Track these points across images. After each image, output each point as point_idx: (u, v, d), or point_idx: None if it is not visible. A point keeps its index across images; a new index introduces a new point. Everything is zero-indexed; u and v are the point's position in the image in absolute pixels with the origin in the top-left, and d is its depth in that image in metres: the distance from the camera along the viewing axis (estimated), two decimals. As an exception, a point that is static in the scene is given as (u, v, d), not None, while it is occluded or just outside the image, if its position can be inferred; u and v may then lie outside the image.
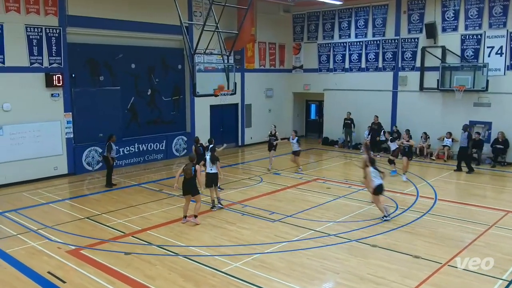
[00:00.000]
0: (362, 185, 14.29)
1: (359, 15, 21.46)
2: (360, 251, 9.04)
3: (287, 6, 22.56)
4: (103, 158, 14.93)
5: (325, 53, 22.90)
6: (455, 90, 18.15)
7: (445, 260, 8.50)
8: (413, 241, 9.56)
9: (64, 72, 15.33)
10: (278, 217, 11.19)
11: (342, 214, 11.44)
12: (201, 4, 19.35)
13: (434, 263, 8.38)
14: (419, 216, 11.23)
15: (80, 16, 15.54)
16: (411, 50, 20.00)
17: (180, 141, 19.52)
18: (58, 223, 10.82)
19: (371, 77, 21.29)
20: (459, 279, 7.75)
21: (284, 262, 8.51)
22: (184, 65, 19.22)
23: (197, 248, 9.25)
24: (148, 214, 11.58)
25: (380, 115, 20.35)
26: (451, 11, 18.67)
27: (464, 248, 9.16)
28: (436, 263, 8.38)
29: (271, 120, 23.39)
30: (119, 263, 8.50)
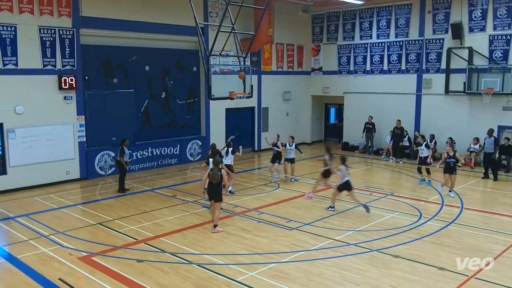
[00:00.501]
0: (383, 192, 14.22)
1: (381, 15, 21.34)
2: (382, 262, 8.94)
3: (306, 6, 22.58)
4: (116, 162, 15.09)
5: (346, 54, 22.81)
6: (482, 93, 17.91)
7: (472, 273, 8.35)
8: (438, 252, 9.42)
9: (77, 75, 15.56)
10: (295, 225, 11.14)
11: (363, 222, 11.34)
12: (217, 4, 19.48)
13: (460, 275, 8.24)
14: (444, 226, 11.07)
15: (93, 17, 15.77)
16: (436, 52, 19.80)
17: (195, 146, 19.61)
18: (69, 229, 10.95)
19: (394, 79, 21.12)
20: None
21: (301, 272, 8.46)
22: (199, 67, 19.35)
23: (212, 256, 9.26)
24: (161, 220, 11.64)
25: (403, 119, 20.15)
26: (479, 11, 18.44)
27: (492, 259, 8.97)
28: (463, 275, 8.23)
29: (289, 124, 23.47)
30: (132, 270, 8.55)
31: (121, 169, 14.43)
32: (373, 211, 12.31)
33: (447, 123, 19.37)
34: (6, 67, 14.04)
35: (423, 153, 15.39)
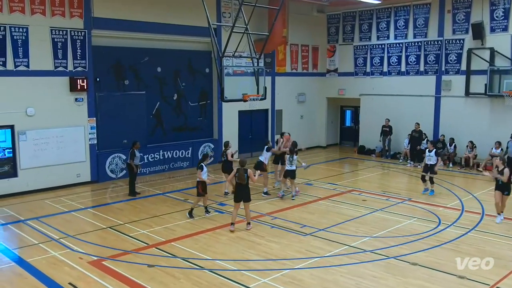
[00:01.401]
0: (401, 197, 14.14)
1: (398, 15, 21.24)
2: (399, 270, 8.88)
3: (321, 6, 22.56)
4: (126, 165, 15.21)
5: (362, 55, 22.74)
6: (505, 95, 17.75)
7: (494, 282, 8.26)
8: (458, 260, 9.30)
9: (88, 76, 15.73)
10: (309, 230, 11.11)
11: (379, 228, 11.27)
12: (230, 4, 19.56)
13: (482, 284, 8.15)
14: (464, 233, 10.95)
15: (105, 18, 15.95)
16: (456, 52, 19.64)
17: (207, 148, 19.65)
18: (80, 233, 11.07)
19: (412, 81, 21.00)
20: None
21: (316, 279, 8.43)
22: (212, 69, 19.44)
23: (224, 262, 9.28)
24: (173, 224, 11.70)
25: (422, 122, 20.00)
26: (501, 10, 18.27)
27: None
28: (484, 284, 8.15)
29: (303, 127, 23.47)
30: (142, 275, 8.61)
31: (132, 172, 14.55)
32: (390, 217, 12.24)
33: (467, 126, 19.20)
34: (18, 68, 14.26)
35: (430, 160, 14.39)
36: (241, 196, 11.03)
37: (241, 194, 11.04)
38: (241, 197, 11.02)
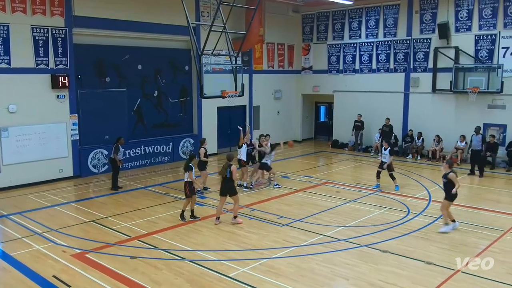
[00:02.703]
0: (372, 188, 14.30)
1: (369, 15, 21.42)
2: (371, 257, 8.99)
3: (296, 6, 22.57)
4: (109, 160, 15.00)
5: (335, 54, 22.87)
6: (468, 92, 18.05)
7: (459, 267, 8.42)
8: (426, 247, 9.49)
9: (70, 74, 15.45)
10: (286, 221, 11.16)
11: (352, 218, 11.39)
12: (209, 4, 19.41)
13: (447, 270, 8.31)
14: (431, 221, 11.16)
15: (86, 17, 15.65)
16: (423, 51, 19.91)
17: (187, 144, 19.56)
18: (63, 226, 10.89)
19: (382, 78, 21.22)
20: (473, 286, 7.68)
21: (292, 268, 8.48)
22: (191, 66, 19.29)
23: (204, 252, 9.26)
24: (154, 217, 11.61)
25: (392, 117, 20.28)
26: (465, 11, 18.56)
27: (478, 254, 9.08)
28: (449, 270, 8.31)
29: (280, 123, 23.50)
30: (125, 267, 8.52)
31: (115, 167, 14.36)
32: (362, 207, 12.38)
33: (434, 121, 19.51)
34: (-1, 66, 13.93)
35: (385, 158, 14.20)
36: (226, 190, 10.90)
37: (226, 188, 10.90)
38: (226, 191, 10.90)
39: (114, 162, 14.30)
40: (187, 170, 11.12)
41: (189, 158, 11.66)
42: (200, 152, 13.74)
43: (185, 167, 11.28)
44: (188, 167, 11.13)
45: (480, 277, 8.00)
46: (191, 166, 11.14)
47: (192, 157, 11.60)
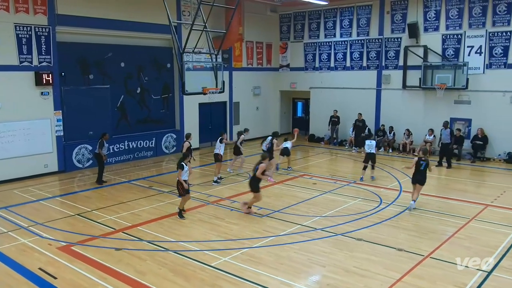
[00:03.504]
0: (347, 180, 14.44)
1: (344, 15, 21.54)
2: (346, 245, 9.09)
3: (274, 6, 22.57)
4: (94, 155, 14.78)
5: (311, 52, 22.95)
6: (436, 88, 18.34)
7: (427, 253, 8.60)
8: (397, 235, 9.64)
9: (53, 71, 15.14)
10: (266, 212, 11.19)
11: (328, 209, 11.48)
12: (190, 3, 19.24)
13: (417, 255, 8.47)
14: (402, 210, 11.33)
15: (69, 15, 15.35)
16: (394, 49, 20.14)
17: (170, 139, 19.43)
18: (48, 220, 10.70)
19: (356, 75, 21.40)
20: (441, 270, 7.85)
21: (272, 256, 8.52)
22: (173, 64, 19.12)
23: (187, 243, 9.22)
24: (138, 210, 11.50)
25: (365, 112, 20.50)
26: (433, 12, 18.83)
27: (445, 240, 9.27)
28: (419, 255, 8.46)
29: (259, 118, 23.55)
30: (110, 259, 8.44)
31: (100, 162, 14.17)
32: (338, 198, 12.50)
33: (404, 116, 19.80)
34: (-17, 63, 13.56)
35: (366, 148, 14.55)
36: (250, 185, 11.14)
37: (250, 183, 11.14)
38: (250, 187, 11.14)
39: (99, 157, 14.10)
40: (178, 168, 10.68)
41: (182, 156, 11.04)
42: (184, 145, 13.67)
43: (177, 164, 10.84)
44: (179, 165, 10.59)
45: (447, 261, 8.18)
46: (182, 164, 10.51)
47: (186, 156, 10.89)
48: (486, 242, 9.13)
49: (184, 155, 11.08)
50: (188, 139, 13.96)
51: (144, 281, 7.53)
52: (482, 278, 7.52)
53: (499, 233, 9.67)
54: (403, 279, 7.53)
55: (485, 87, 17.72)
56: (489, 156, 17.81)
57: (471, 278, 7.52)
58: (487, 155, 17.80)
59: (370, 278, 7.59)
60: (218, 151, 14.29)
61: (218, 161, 14.32)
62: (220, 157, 14.30)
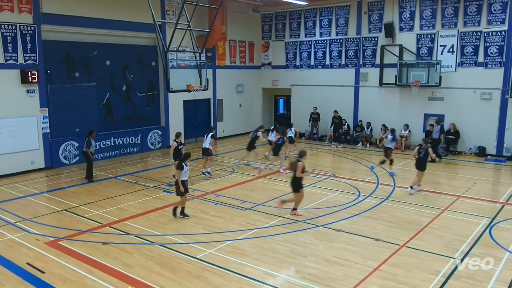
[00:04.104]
0: (327, 174, 14.55)
1: (323, 15, 21.60)
2: (326, 236, 9.16)
3: (256, 6, 22.51)
4: (82, 153, 14.55)
5: (292, 50, 22.98)
6: (411, 85, 18.57)
7: (403, 242, 8.73)
8: (375, 225, 9.76)
9: (39, 69, 14.84)
10: (249, 205, 11.21)
11: (309, 201, 11.53)
12: (174, 3, 19.04)
13: (394, 245, 8.59)
14: (379, 202, 11.47)
15: (54, 14, 15.05)
16: (371, 48, 20.30)
17: (155, 135, 19.27)
18: (36, 216, 10.52)
19: (335, 73, 21.51)
20: (416, 259, 7.98)
21: (255, 248, 8.55)
22: (158, 62, 18.94)
23: (173, 236, 9.18)
24: (125, 205, 11.39)
25: (343, 109, 20.65)
26: (408, 12, 19.03)
27: (420, 230, 9.42)
28: (395, 245, 8.59)
29: (242, 114, 23.51)
30: (97, 252, 8.35)
31: (88, 159, 13.98)
32: (318, 191, 12.59)
33: (381, 112, 19.99)
34: (-33, 61, 13.21)
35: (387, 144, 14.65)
36: (291, 185, 10.43)
37: (291, 183, 10.42)
38: (292, 187, 10.44)
39: (86, 155, 13.91)
40: (177, 168, 10.06)
41: (183, 157, 10.34)
42: (172, 145, 13.45)
43: (177, 165, 10.25)
44: (178, 166, 10.02)
45: (422, 250, 8.32)
46: (182, 165, 9.94)
47: (186, 156, 10.20)
48: (458, 231, 9.31)
49: (185, 155, 10.28)
50: (177, 139, 13.53)
51: (131, 274, 7.47)
52: (454, 265, 7.67)
53: (470, 223, 9.88)
54: (380, 267, 7.64)
55: (457, 84, 18.01)
56: (461, 149, 18.13)
57: (445, 266, 7.66)
58: (458, 149, 18.12)
59: (349, 267, 7.67)
60: (207, 145, 14.26)
61: (209, 155, 14.35)
62: (210, 151, 14.30)
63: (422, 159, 12.36)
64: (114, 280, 7.25)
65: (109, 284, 7.11)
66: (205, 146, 14.34)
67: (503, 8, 16.72)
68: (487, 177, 14.66)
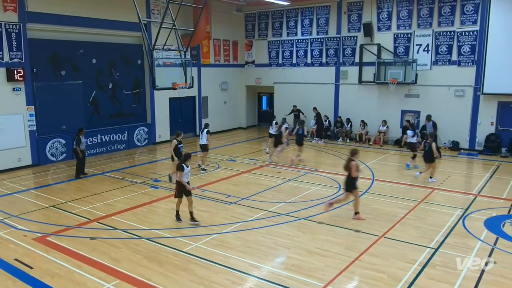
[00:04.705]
0: (309, 168, 14.62)
1: (304, 15, 21.65)
2: (308, 228, 9.22)
3: (240, 6, 22.43)
4: (73, 151, 14.30)
5: (275, 49, 22.98)
6: (389, 83, 18.78)
7: (382, 233, 8.85)
8: (354, 217, 9.86)
9: (25, 67, 14.53)
10: (234, 199, 11.21)
11: (292, 195, 11.61)
12: (159, 2, 18.84)
13: (373, 236, 8.70)
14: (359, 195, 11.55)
15: (40, 13, 14.75)
16: (350, 47, 20.43)
17: (142, 132, 19.09)
18: (23, 212, 10.33)
19: (316, 71, 21.60)
20: (394, 248, 8.10)
21: (240, 241, 8.56)
22: (144, 60, 18.74)
23: (160, 230, 9.13)
24: (112, 201, 11.27)
25: (324, 105, 20.79)
26: (385, 12, 19.20)
27: (397, 221, 9.56)
28: (374, 236, 8.70)
29: (226, 111, 23.45)
30: (85, 247, 8.25)
31: (77, 157, 13.74)
32: (301, 185, 12.65)
33: (360, 108, 20.17)
34: (-48, 60, 12.85)
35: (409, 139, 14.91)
36: (345, 185, 9.91)
37: (345, 182, 9.90)
38: (345, 187, 9.92)
39: (76, 153, 13.69)
40: (178, 169, 9.42)
41: (183, 157, 9.64)
42: (172, 143, 12.87)
43: (177, 166, 9.58)
44: (179, 167, 9.39)
45: (399, 240, 8.45)
46: (182, 166, 9.35)
47: (187, 157, 9.55)
48: (433, 222, 9.48)
49: (185, 156, 9.59)
50: (177, 137, 12.95)
51: (119, 268, 7.41)
52: (430, 254, 7.81)
53: (445, 214, 10.06)
54: (360, 257, 7.73)
55: (432, 82, 18.28)
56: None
57: (421, 255, 7.80)
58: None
59: (330, 257, 7.75)
60: (205, 141, 14.28)
61: (206, 151, 14.40)
62: (207, 147, 14.32)
63: (428, 152, 12.84)
64: (102, 274, 7.18)
65: (97, 278, 7.04)
66: (202, 142, 14.40)
67: (475, 9, 17.01)
68: (460, 170, 14.94)
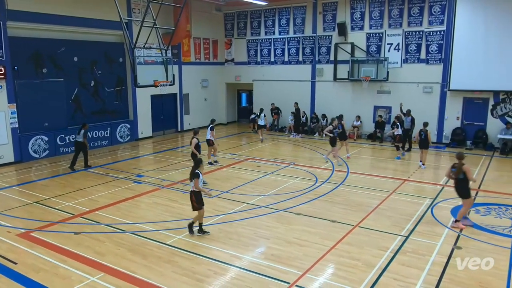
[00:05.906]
0: (287, 162, 14.69)
1: (281, 15, 21.66)
2: (287, 219, 9.29)
3: (219, 5, 22.29)
4: (79, 143, 13.97)
5: (253, 48, 22.94)
6: (362, 80, 19.01)
7: (356, 223, 8.99)
8: (331, 208, 9.98)
9: (6, 65, 14.11)
10: (215, 193, 11.16)
11: (271, 188, 11.66)
12: (139, 1, 18.53)
13: (348, 225, 8.83)
14: (335, 187, 11.72)
15: (20, 11, 14.31)
16: (326, 46, 20.56)
17: (124, 128, 18.80)
18: (6, 209, 10.06)
19: (293, 69, 21.67)
20: (367, 237, 8.24)
21: (222, 232, 8.56)
22: (125, 58, 18.43)
23: (143, 224, 9.04)
24: (96, 196, 11.09)
25: (301, 102, 20.87)
26: (358, 13, 19.38)
27: (371, 211, 9.72)
28: (349, 225, 8.83)
29: (207, 108, 23.31)
30: (70, 242, 8.10)
31: (84, 149, 13.95)
32: (279, 178, 12.70)
33: (335, 104, 20.34)
34: None
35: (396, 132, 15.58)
36: (458, 191, 8.77)
37: (457, 189, 8.77)
38: (459, 194, 8.80)
39: (84, 145, 13.84)
40: (193, 177, 8.25)
41: (195, 164, 8.65)
42: (192, 142, 12.23)
43: (190, 175, 8.50)
44: (194, 174, 8.27)
45: (372, 229, 8.60)
46: (197, 173, 8.26)
47: (198, 163, 8.48)
48: (404, 211, 9.68)
49: (196, 162, 8.63)
50: (196, 135, 12.41)
51: (103, 261, 7.31)
52: (401, 242, 7.98)
53: (415, 203, 10.29)
54: (336, 246, 7.84)
55: (402, 79, 18.59)
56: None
57: (392, 242, 7.96)
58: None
59: (308, 247, 7.83)
60: (209, 137, 14.27)
61: (210, 145, 14.37)
62: (211, 142, 14.30)
63: (423, 140, 13.90)
64: (87, 268, 7.07)
65: (82, 272, 6.93)
66: (207, 138, 14.37)
67: (442, 10, 17.35)
68: (429, 162, 15.24)
